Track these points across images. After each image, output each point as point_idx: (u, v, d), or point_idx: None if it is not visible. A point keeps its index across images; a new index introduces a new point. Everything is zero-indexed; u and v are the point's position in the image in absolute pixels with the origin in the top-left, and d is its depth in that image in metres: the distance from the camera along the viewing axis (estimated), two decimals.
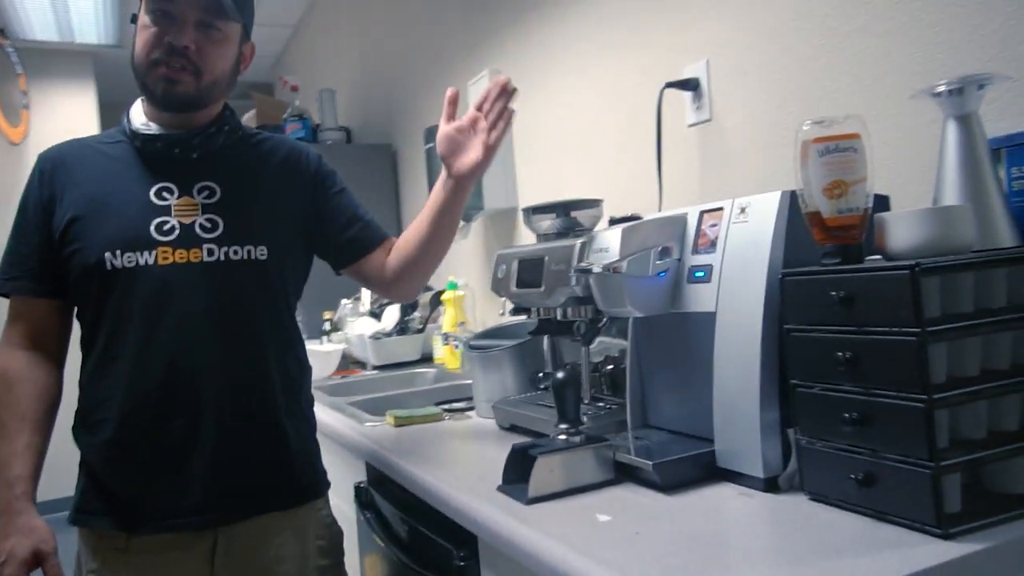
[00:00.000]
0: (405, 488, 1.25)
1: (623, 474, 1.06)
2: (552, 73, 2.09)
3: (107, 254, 1.11)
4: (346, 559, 1.35)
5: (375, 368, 2.46)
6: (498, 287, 1.47)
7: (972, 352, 0.81)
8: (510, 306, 1.52)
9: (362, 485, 1.52)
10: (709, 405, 1.05)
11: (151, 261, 1.12)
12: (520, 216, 2.15)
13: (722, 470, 1.02)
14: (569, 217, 1.46)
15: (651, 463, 1.01)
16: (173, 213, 1.15)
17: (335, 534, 1.31)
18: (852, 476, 0.85)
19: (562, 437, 1.09)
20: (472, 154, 1.20)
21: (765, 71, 1.42)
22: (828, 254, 0.91)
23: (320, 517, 1.27)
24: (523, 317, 1.73)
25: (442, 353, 2.37)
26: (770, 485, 0.96)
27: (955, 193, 0.94)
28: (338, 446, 1.66)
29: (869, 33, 1.22)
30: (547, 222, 1.47)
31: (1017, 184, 0.97)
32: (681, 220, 1.14)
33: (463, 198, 1.25)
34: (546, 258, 1.32)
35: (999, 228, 0.93)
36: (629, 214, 1.42)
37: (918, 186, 1.13)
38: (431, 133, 2.25)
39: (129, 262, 1.12)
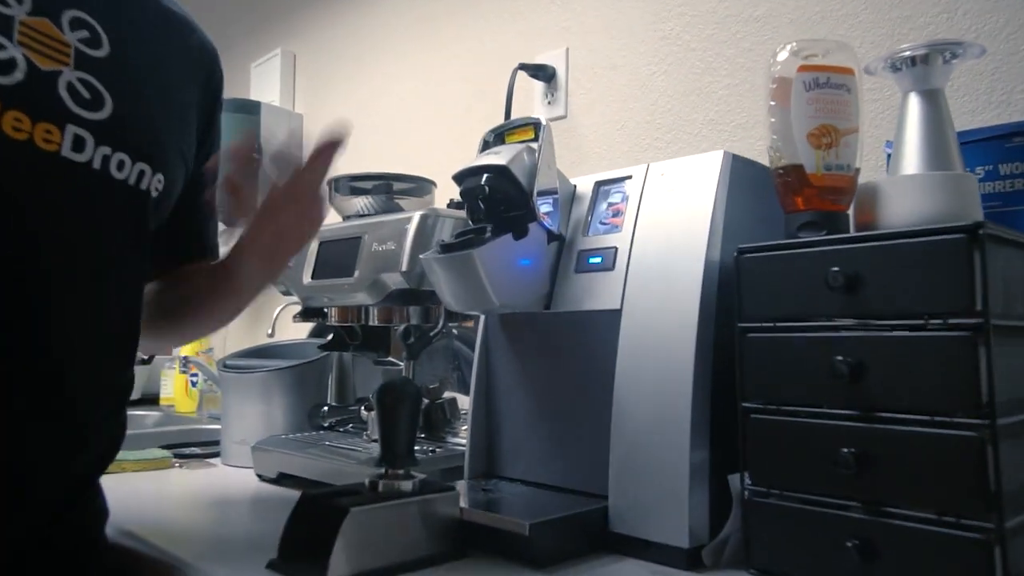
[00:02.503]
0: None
1: (473, 539, 0.79)
2: (364, 51, 1.97)
3: None
4: None
5: None
6: (286, 282, 1.22)
7: (1016, 368, 0.64)
8: (291, 313, 1.31)
9: None
10: (594, 445, 0.84)
11: None
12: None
13: (619, 537, 0.78)
14: (391, 198, 1.28)
15: (527, 523, 0.73)
16: (16, 37, 0.69)
17: None
18: (845, 543, 0.63)
19: (383, 483, 0.78)
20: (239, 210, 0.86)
21: (637, 62, 1.32)
22: (808, 223, 0.73)
23: None
24: (304, 334, 1.60)
25: (174, 390, 2.07)
26: (692, 560, 0.73)
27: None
28: None
29: (768, 23, 1.15)
30: (363, 199, 1.26)
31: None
32: (567, 190, 0.94)
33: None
34: (365, 236, 1.11)
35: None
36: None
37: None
38: None
39: None
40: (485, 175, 0.85)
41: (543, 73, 1.42)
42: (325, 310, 1.17)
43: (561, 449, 0.89)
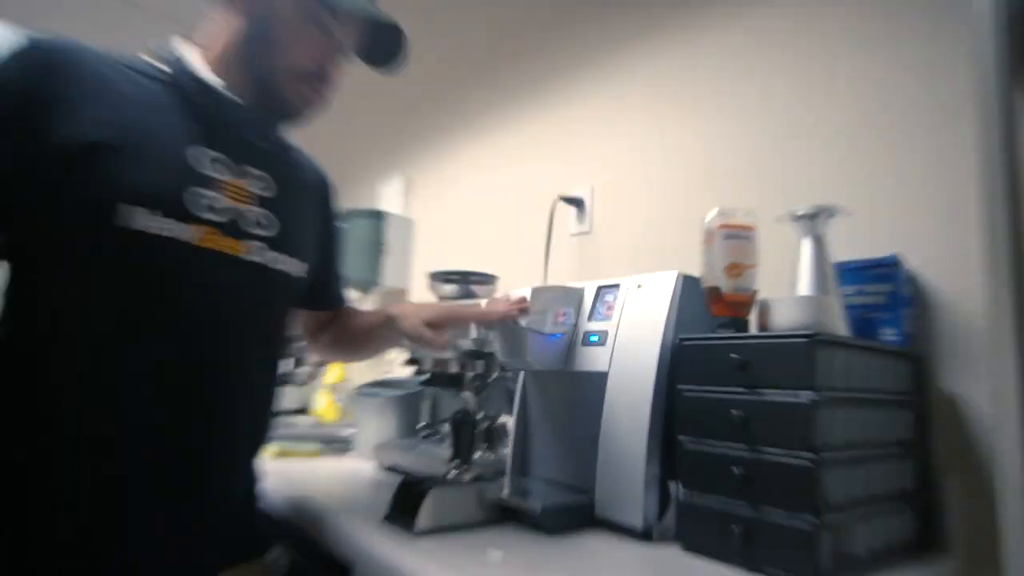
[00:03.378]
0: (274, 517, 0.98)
1: (506, 516, 0.87)
2: (456, 179, 1.97)
3: (123, 206, 0.65)
4: None
5: None
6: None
7: (837, 423, 0.72)
8: (402, 359, 1.33)
9: None
10: (588, 457, 0.90)
11: (186, 237, 0.69)
12: (410, 293, 2.04)
13: (600, 519, 0.86)
14: (469, 286, 1.34)
15: (539, 507, 0.83)
16: (222, 189, 0.75)
17: None
18: (733, 529, 0.71)
19: (453, 473, 0.89)
20: (439, 339, 0.92)
21: (639, 199, 1.38)
22: (723, 324, 0.82)
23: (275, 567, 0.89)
24: (411, 372, 1.57)
25: (322, 405, 2.04)
26: (645, 535, 0.81)
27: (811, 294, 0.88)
28: None
29: (732, 176, 1.20)
30: (450, 287, 1.36)
31: (849, 298, 0.93)
32: (579, 291, 1.03)
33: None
34: None
35: (839, 329, 0.88)
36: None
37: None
38: (343, 216, 2.07)
39: (156, 228, 0.67)
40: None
41: (576, 202, 1.48)
42: (423, 360, 1.25)
43: (568, 459, 0.96)
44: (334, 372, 2.02)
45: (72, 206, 0.65)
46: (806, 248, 0.89)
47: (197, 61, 0.79)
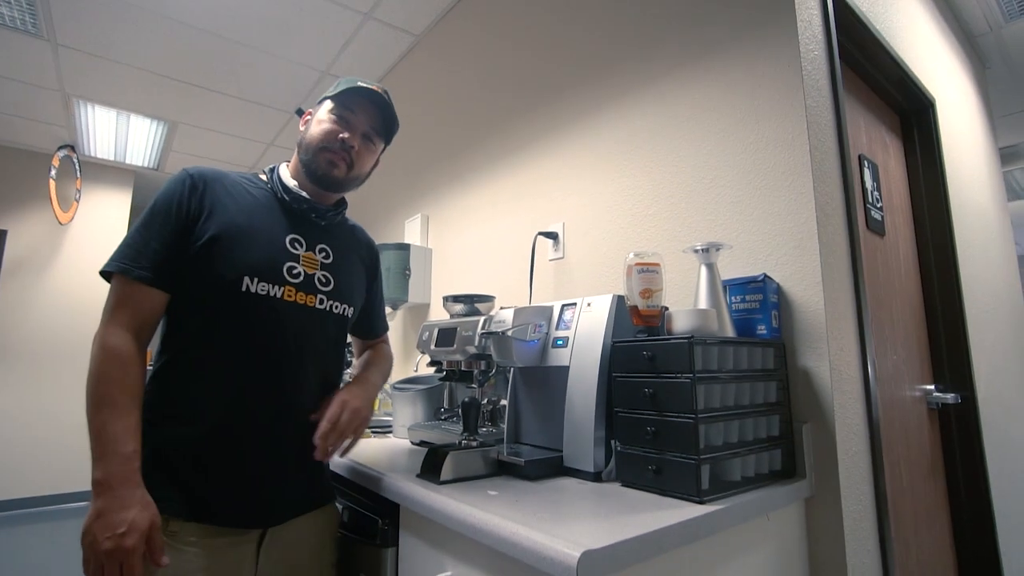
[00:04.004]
0: (345, 479, 1.19)
1: (503, 469, 1.07)
2: (463, 216, 2.11)
3: (246, 278, 0.91)
4: None
5: None
6: (422, 346, 1.46)
7: (714, 393, 0.92)
8: (426, 360, 1.52)
9: None
10: (560, 426, 1.09)
11: (278, 295, 0.93)
12: (430, 307, 2.23)
13: (567, 468, 1.06)
14: (473, 305, 1.51)
15: (523, 460, 1.03)
16: (301, 262, 0.98)
17: (340, 534, 1.11)
18: (649, 468, 0.92)
19: (464, 442, 1.10)
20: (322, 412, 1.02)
21: (598, 232, 1.55)
22: (640, 331, 1.02)
23: (335, 518, 1.08)
24: (432, 370, 1.77)
25: None
26: (596, 477, 1.01)
27: (705, 306, 1.08)
28: None
29: (657, 217, 1.39)
30: (459, 306, 1.52)
31: (735, 305, 1.13)
32: (548, 309, 1.22)
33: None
34: (458, 328, 1.35)
35: (727, 327, 1.09)
36: (513, 306, 1.48)
37: (679, 303, 1.28)
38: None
39: (262, 290, 0.92)
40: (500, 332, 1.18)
41: (552, 235, 1.65)
42: (441, 361, 1.40)
43: (545, 428, 1.15)
44: None
45: (211, 276, 0.90)
46: (703, 272, 1.10)
47: (285, 172, 1.04)
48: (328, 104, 1.03)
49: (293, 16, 2.49)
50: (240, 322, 0.91)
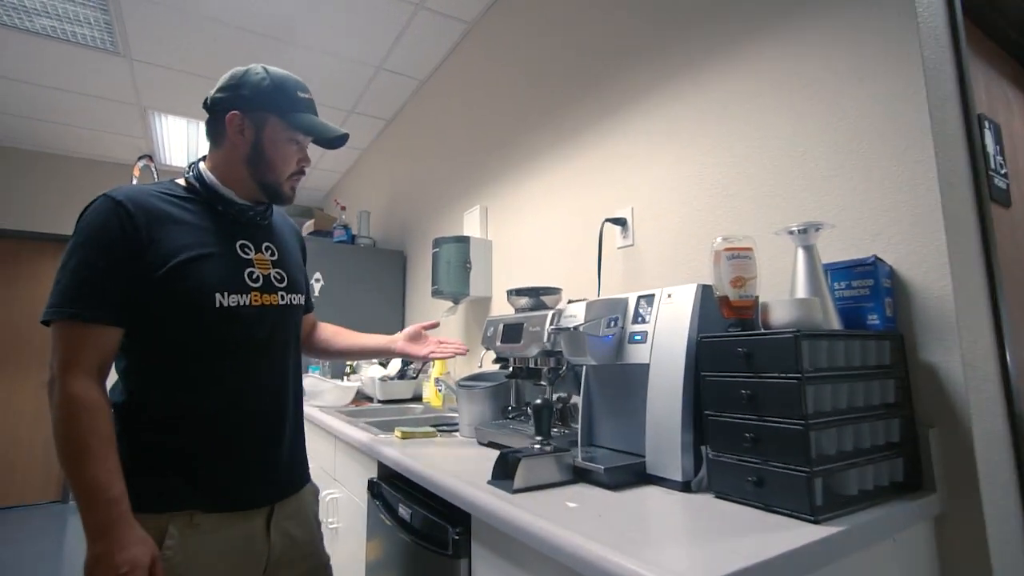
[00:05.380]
0: (411, 481, 1.16)
1: (579, 476, 1.00)
2: (523, 206, 2.04)
3: (217, 294, 0.95)
4: (351, 544, 1.21)
5: (379, 402, 2.33)
6: (487, 342, 1.42)
7: (824, 395, 0.81)
8: (491, 358, 1.48)
9: (373, 480, 1.39)
10: (639, 429, 1.01)
11: (246, 302, 0.99)
12: (491, 301, 2.18)
13: (651, 476, 0.98)
14: (539, 298, 1.45)
15: (602, 468, 0.96)
16: (256, 265, 1.03)
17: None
18: (748, 479, 0.82)
19: (537, 447, 1.03)
20: (421, 351, 1.35)
21: (671, 216, 1.42)
22: (732, 325, 0.92)
23: (317, 493, 1.18)
24: (497, 367, 1.67)
25: (430, 394, 2.25)
26: (685, 487, 0.92)
27: (805, 295, 0.96)
28: (356, 451, 1.53)
29: (739, 196, 1.27)
30: (524, 300, 1.46)
31: (839, 292, 1.00)
32: (623, 301, 1.13)
33: (391, 358, 1.33)
34: (525, 323, 1.31)
35: (832, 318, 0.96)
36: (581, 298, 1.40)
37: (770, 293, 1.16)
38: (436, 243, 2.20)
39: (233, 302, 0.97)
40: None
41: (620, 221, 1.55)
42: (507, 357, 1.37)
43: (623, 431, 1.07)
44: (438, 368, 2.20)
45: (183, 300, 0.92)
46: (800, 256, 0.98)
47: (212, 178, 1.02)
48: (284, 124, 1.01)
49: (345, 12, 2.48)
50: (221, 335, 0.96)
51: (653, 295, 1.09)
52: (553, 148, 1.90)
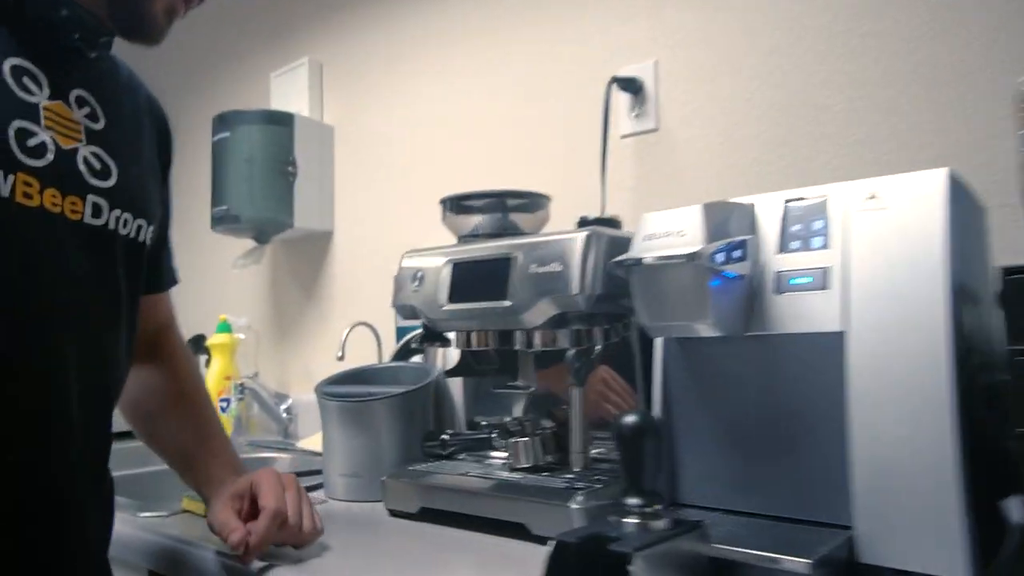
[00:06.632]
0: None
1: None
2: (407, 68, 1.89)
3: None
4: None
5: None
6: (408, 303, 1.13)
7: None
8: (388, 338, 1.24)
9: None
10: (802, 466, 0.81)
11: (6, 193, 0.73)
12: (333, 240, 2.05)
13: (869, 568, 0.74)
14: (506, 215, 1.20)
15: (809, 561, 0.69)
16: (43, 120, 0.77)
17: None
18: None
19: (636, 514, 0.72)
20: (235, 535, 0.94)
21: (729, 78, 1.30)
22: None
23: None
24: (370, 360, 1.58)
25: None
26: None
27: None
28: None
29: (882, 35, 1.13)
30: (477, 219, 1.20)
31: None
32: (747, 209, 0.89)
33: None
34: (519, 256, 1.03)
35: None
36: (600, 216, 1.15)
37: None
38: (222, 123, 1.93)
39: None
40: None
41: (630, 84, 1.37)
42: (451, 333, 1.10)
43: (765, 476, 0.85)
44: (215, 371, 1.96)
45: None
46: None
47: None
48: None
49: None
50: None
51: (824, 199, 0.85)
52: None
